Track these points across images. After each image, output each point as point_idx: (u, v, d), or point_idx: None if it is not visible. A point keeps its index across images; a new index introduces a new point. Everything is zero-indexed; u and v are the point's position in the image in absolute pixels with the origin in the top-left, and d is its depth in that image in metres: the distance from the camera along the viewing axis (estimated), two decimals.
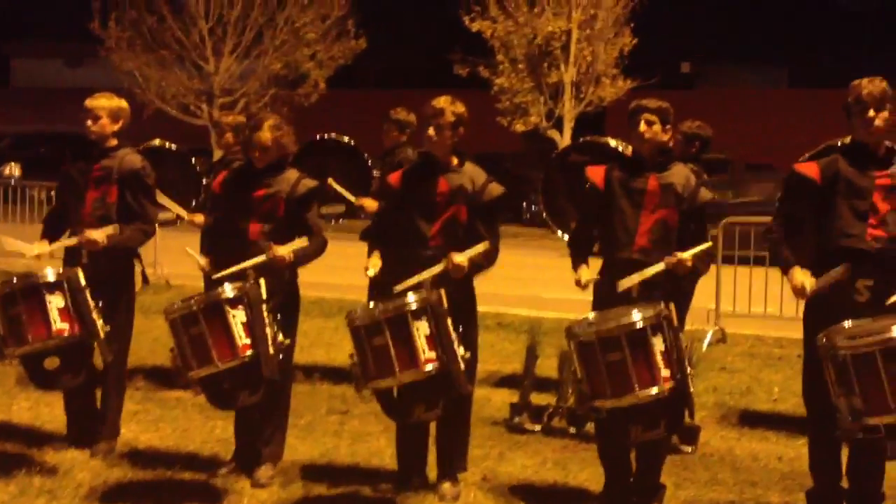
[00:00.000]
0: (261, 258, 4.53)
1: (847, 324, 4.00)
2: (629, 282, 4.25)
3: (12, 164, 20.65)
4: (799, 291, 4.15)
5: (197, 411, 5.84)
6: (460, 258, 4.35)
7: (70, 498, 4.52)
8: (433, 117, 4.54)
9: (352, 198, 6.47)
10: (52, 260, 5.21)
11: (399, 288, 4.26)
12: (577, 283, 4.45)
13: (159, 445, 5.33)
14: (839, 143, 4.39)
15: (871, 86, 4.18)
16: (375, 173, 6.70)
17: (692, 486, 4.87)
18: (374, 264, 4.54)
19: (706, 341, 8.20)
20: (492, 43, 19.61)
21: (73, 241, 4.90)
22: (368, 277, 4.65)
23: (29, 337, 4.57)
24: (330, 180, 6.42)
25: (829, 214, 4.21)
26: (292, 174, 4.78)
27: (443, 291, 4.23)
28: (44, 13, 30.52)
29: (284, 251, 4.54)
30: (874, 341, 3.82)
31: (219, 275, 4.55)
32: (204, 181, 6.51)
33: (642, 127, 4.39)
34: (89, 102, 5.08)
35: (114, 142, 5.10)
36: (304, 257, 4.67)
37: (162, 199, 5.81)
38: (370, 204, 6.30)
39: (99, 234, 4.86)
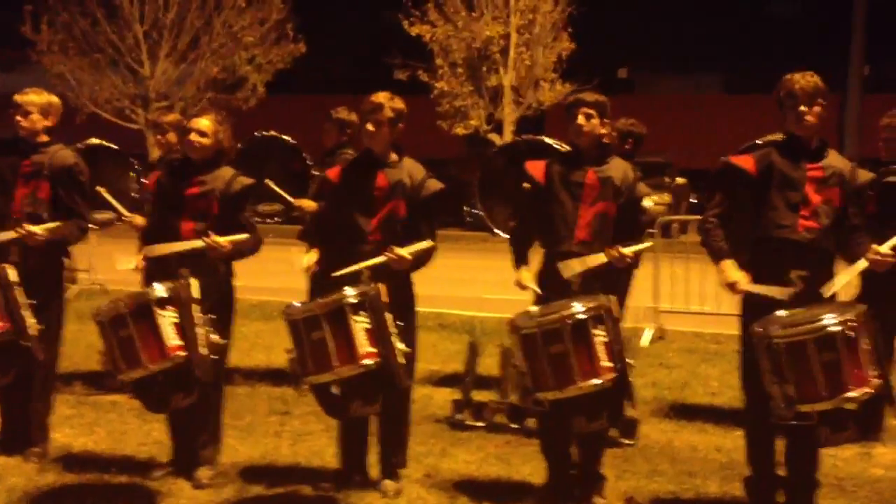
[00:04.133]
0: (198, 243, 4.45)
1: (781, 313, 4.07)
2: (570, 269, 4.25)
3: None
4: (730, 286, 4.20)
5: (133, 415, 5.74)
6: (403, 251, 4.34)
7: (2, 503, 4.40)
8: (371, 113, 4.52)
9: (290, 199, 6.39)
10: None
11: (338, 274, 4.22)
12: (518, 283, 4.46)
13: (94, 449, 5.22)
14: (770, 140, 4.47)
15: (803, 80, 4.25)
16: (315, 173, 6.64)
17: (633, 478, 4.91)
18: (310, 258, 4.50)
19: (646, 338, 8.30)
20: (431, 47, 19.67)
21: (10, 234, 4.76)
22: (308, 278, 4.57)
23: None
24: (267, 181, 6.34)
25: (763, 206, 4.27)
26: (227, 172, 4.71)
27: (382, 286, 4.21)
28: None
29: (223, 240, 4.47)
30: (806, 330, 3.88)
31: (156, 252, 4.45)
32: (143, 181, 6.41)
33: (581, 120, 4.42)
34: (19, 98, 4.97)
35: (45, 137, 4.99)
36: (240, 252, 4.60)
37: (104, 195, 5.68)
38: (308, 204, 6.25)
39: (38, 228, 4.75)
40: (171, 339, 4.25)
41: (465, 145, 22.45)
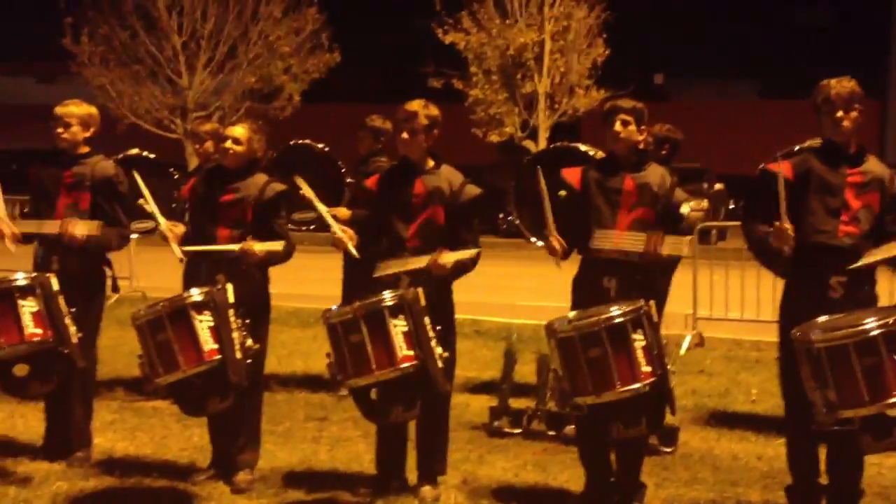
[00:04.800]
0: (233, 247, 4.54)
1: (821, 319, 4.03)
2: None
3: None
4: (783, 238, 4.08)
5: (174, 420, 5.79)
6: (446, 258, 4.35)
7: None
8: (406, 121, 4.55)
9: (324, 208, 6.42)
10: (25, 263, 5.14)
11: (379, 273, 4.24)
12: (551, 250, 4.38)
13: (136, 454, 5.28)
14: (807, 145, 4.44)
15: (839, 86, 4.22)
16: (349, 181, 6.67)
17: (673, 486, 4.87)
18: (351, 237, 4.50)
19: (684, 345, 8.24)
20: (465, 55, 19.71)
21: (54, 225, 4.83)
22: (343, 284, 4.52)
23: (1, 341, 4.50)
24: (302, 191, 6.37)
25: (802, 211, 4.24)
26: (260, 178, 4.77)
27: (420, 290, 4.23)
28: (14, 30, 30.35)
29: (258, 246, 4.53)
30: (847, 334, 3.83)
31: (190, 249, 4.58)
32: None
33: (618, 127, 4.42)
34: (59, 110, 5.05)
35: (85, 149, 5.07)
36: (272, 260, 4.67)
37: (146, 204, 5.74)
38: (343, 213, 6.28)
39: (79, 229, 4.83)
40: (208, 342, 4.30)
41: (499, 152, 22.43)
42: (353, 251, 4.45)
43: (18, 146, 26.13)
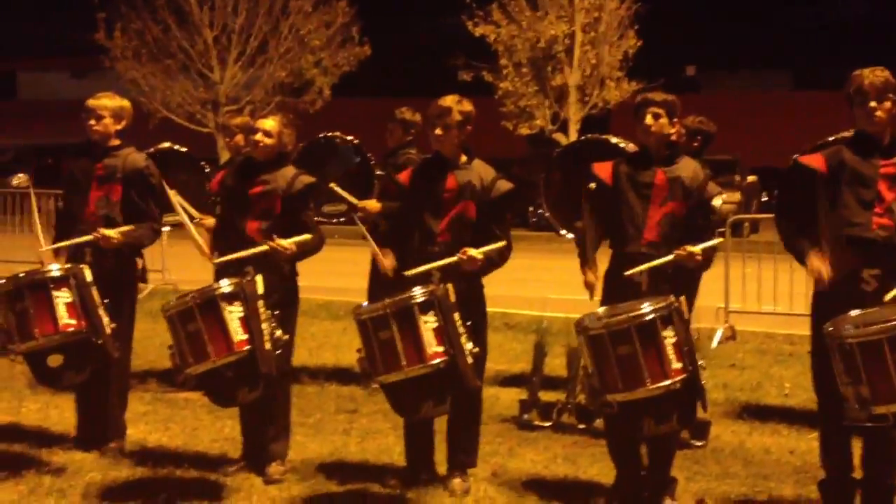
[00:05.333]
0: (262, 247, 4.55)
1: (854, 313, 3.98)
2: (637, 270, 4.23)
3: (21, 174, 20.88)
4: (818, 279, 4.10)
5: (206, 411, 5.84)
6: (475, 252, 4.35)
7: (80, 497, 4.52)
8: (440, 117, 4.54)
9: (354, 201, 6.44)
10: (57, 258, 5.20)
11: (410, 273, 4.26)
12: (586, 284, 4.42)
13: (169, 445, 5.33)
14: (840, 137, 4.39)
15: (872, 76, 4.16)
16: (379, 173, 6.68)
17: (704, 480, 4.85)
18: (390, 261, 4.51)
19: (716, 339, 8.18)
20: (495, 47, 19.69)
21: (86, 238, 4.90)
22: (369, 278, 4.53)
23: (36, 332, 4.56)
24: (332, 185, 6.40)
25: (835, 204, 4.18)
26: (289, 171, 4.79)
27: (450, 286, 4.22)
28: (49, 26, 30.74)
29: (287, 242, 4.56)
30: (880, 329, 3.78)
31: (219, 260, 4.60)
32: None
33: (648, 120, 4.38)
34: (91, 102, 5.10)
35: (117, 141, 5.12)
36: (304, 253, 4.69)
37: (175, 198, 5.80)
38: (372, 206, 6.30)
39: (113, 232, 4.88)
40: (237, 333, 4.33)
41: (529, 145, 22.38)
42: (389, 273, 4.46)
43: (53, 141, 26.51)
